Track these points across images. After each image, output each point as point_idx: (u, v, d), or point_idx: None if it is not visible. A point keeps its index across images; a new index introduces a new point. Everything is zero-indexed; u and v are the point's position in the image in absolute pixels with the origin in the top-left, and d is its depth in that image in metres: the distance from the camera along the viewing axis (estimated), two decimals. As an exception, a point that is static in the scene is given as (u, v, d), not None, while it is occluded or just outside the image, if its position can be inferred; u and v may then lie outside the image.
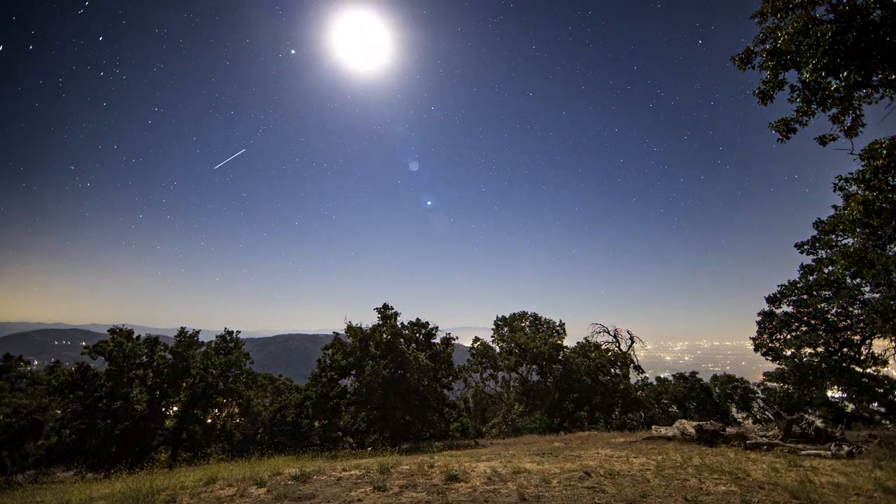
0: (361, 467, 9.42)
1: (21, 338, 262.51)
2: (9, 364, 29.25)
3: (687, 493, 6.80)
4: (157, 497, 7.57)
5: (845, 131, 10.46)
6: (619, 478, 7.87)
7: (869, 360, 22.53)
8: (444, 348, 28.30)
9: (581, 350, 30.57)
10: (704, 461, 9.23)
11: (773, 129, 11.04)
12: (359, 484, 7.90)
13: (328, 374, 26.67)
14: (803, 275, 23.84)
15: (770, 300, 25.02)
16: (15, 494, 11.65)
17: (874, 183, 10.64)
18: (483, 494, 6.95)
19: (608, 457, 10.31)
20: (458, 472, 8.37)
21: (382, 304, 28.35)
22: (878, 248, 13.15)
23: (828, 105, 10.20)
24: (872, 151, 10.27)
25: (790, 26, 9.54)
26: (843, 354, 22.84)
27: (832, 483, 7.41)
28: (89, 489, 9.89)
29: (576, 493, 6.89)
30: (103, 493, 8.59)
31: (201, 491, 7.97)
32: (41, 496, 9.97)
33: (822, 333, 23.15)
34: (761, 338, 25.32)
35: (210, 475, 9.38)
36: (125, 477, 11.60)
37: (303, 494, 7.29)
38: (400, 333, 27.56)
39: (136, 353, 24.76)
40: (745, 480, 7.55)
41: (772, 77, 10.39)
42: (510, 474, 8.32)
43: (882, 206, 10.65)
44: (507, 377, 31.45)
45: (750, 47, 10.55)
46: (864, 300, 21.99)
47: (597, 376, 27.56)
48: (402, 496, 6.98)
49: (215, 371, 26.59)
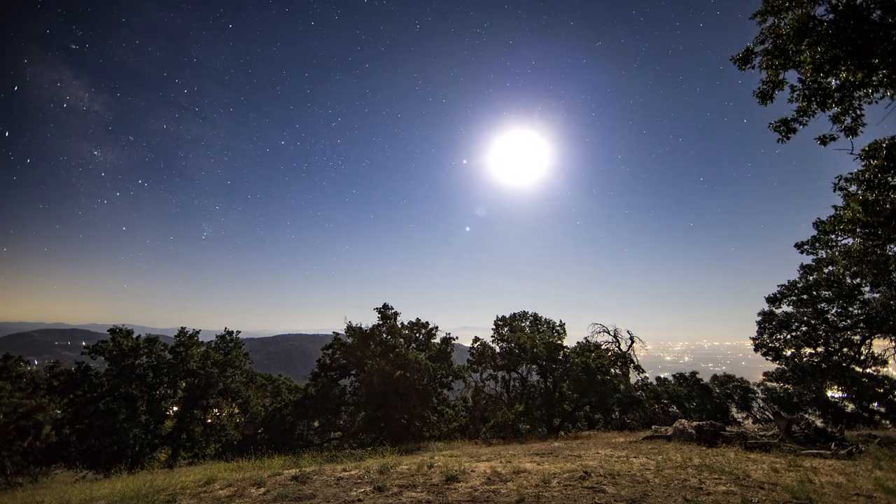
0: (361, 467, 9.42)
1: (21, 338, 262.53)
2: (9, 364, 29.23)
3: (687, 493, 6.80)
4: (157, 497, 7.57)
5: (845, 131, 10.45)
6: (618, 478, 7.86)
7: (869, 360, 22.52)
8: (444, 348, 28.31)
9: (581, 350, 30.55)
10: (704, 461, 9.22)
11: (773, 129, 11.03)
12: (358, 484, 7.90)
13: (328, 373, 26.68)
14: (803, 275, 23.84)
15: (770, 300, 25.00)
16: (15, 494, 11.64)
17: (874, 183, 10.63)
18: (483, 494, 6.94)
19: (608, 457, 10.30)
20: (457, 472, 8.37)
21: (382, 304, 28.37)
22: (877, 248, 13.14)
23: (828, 105, 10.20)
24: (872, 151, 10.27)
25: (790, 26, 9.54)
26: (843, 354, 22.83)
27: (832, 483, 7.40)
28: (89, 489, 9.90)
29: (575, 493, 6.89)
30: (103, 493, 8.60)
31: (201, 491, 7.97)
32: (41, 496, 9.97)
33: (822, 333, 23.13)
34: (761, 338, 25.30)
35: (209, 475, 9.39)
36: (125, 477, 11.61)
37: (302, 494, 7.28)
38: (400, 333, 27.57)
39: (136, 353, 24.77)
40: (745, 480, 7.54)
41: (771, 77, 10.39)
42: (510, 474, 8.31)
43: (882, 206, 10.64)
44: (507, 377, 31.42)
45: (749, 47, 10.55)
46: (864, 300, 21.98)
47: (596, 376, 27.53)
48: (401, 496, 6.98)
49: (215, 371, 26.60)
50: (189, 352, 26.02)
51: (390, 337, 26.76)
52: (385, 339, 26.52)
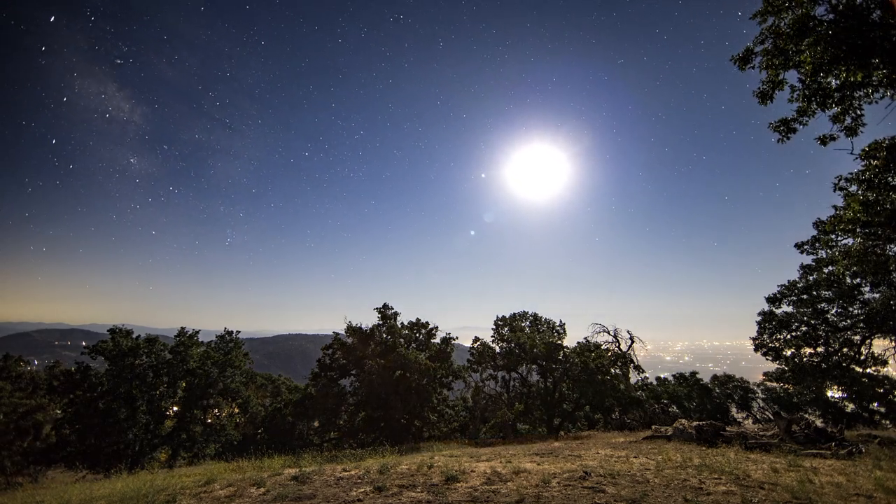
0: (361, 467, 9.41)
1: (21, 338, 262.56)
2: (9, 364, 29.25)
3: (687, 493, 6.79)
4: (157, 497, 7.57)
5: (845, 131, 10.46)
6: (618, 478, 7.85)
7: (869, 360, 22.50)
8: (444, 348, 28.31)
9: (581, 350, 30.55)
10: (704, 461, 9.21)
11: (773, 129, 11.03)
12: (358, 484, 7.90)
13: (328, 373, 26.69)
14: (803, 275, 23.82)
15: (770, 300, 24.98)
16: (15, 494, 11.64)
17: (874, 183, 10.64)
18: (483, 495, 6.93)
19: (608, 457, 10.30)
20: (457, 472, 8.36)
21: (382, 304, 28.38)
22: (877, 248, 13.14)
23: (828, 105, 10.20)
24: (872, 151, 10.27)
25: (790, 26, 9.54)
26: (843, 354, 22.81)
27: (832, 483, 7.39)
28: (89, 489, 9.89)
29: (575, 494, 6.88)
30: (103, 493, 8.59)
31: (201, 491, 7.96)
32: (41, 496, 9.96)
33: (822, 333, 23.12)
34: (761, 338, 25.27)
35: (209, 475, 9.39)
36: (125, 477, 11.60)
37: (302, 495, 7.28)
38: (400, 333, 27.57)
39: (136, 353, 24.78)
40: (745, 480, 7.54)
41: (771, 77, 10.39)
42: (510, 474, 8.31)
43: (882, 206, 10.65)
44: (507, 377, 31.42)
45: (749, 47, 10.56)
46: (864, 300, 21.97)
47: (597, 376, 27.54)
48: (401, 496, 6.97)
49: (215, 371, 26.60)
50: (189, 352, 26.02)
51: (390, 337, 26.76)
52: (385, 339, 26.53)
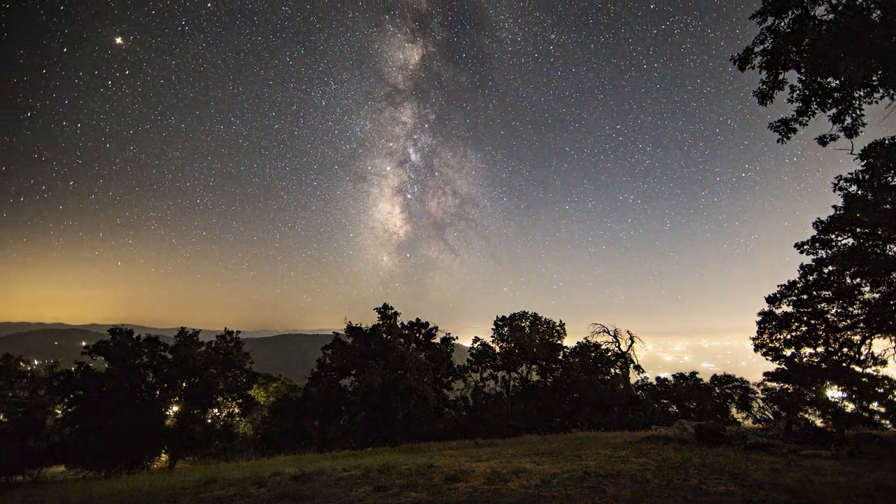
0: (361, 467, 9.42)
1: (21, 338, 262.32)
2: (9, 364, 29.25)
3: (687, 493, 6.79)
4: (157, 497, 7.57)
5: (845, 131, 10.46)
6: (618, 478, 7.85)
7: (869, 360, 22.46)
8: (443, 348, 28.31)
9: (581, 350, 30.56)
10: (704, 461, 9.21)
11: (773, 129, 11.04)
12: (359, 484, 7.90)
13: (328, 373, 26.70)
14: (803, 275, 23.79)
15: (770, 300, 24.93)
16: (15, 494, 11.65)
17: (874, 183, 10.65)
18: (483, 495, 6.93)
19: (608, 457, 10.30)
20: (457, 472, 8.37)
21: (382, 304, 28.38)
22: (877, 248, 13.14)
23: (828, 105, 10.21)
24: (872, 151, 10.28)
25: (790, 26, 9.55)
26: (843, 354, 22.78)
27: (832, 483, 7.39)
28: (89, 489, 9.89)
29: (576, 494, 6.88)
30: (103, 493, 8.59)
31: (201, 491, 7.96)
32: (41, 496, 9.97)
33: (822, 333, 23.08)
34: (761, 338, 25.22)
35: (210, 475, 9.39)
36: (125, 477, 11.61)
37: (303, 495, 7.28)
38: (400, 333, 27.57)
39: (136, 353, 24.78)
40: (745, 480, 7.54)
41: (771, 77, 10.40)
42: (510, 474, 8.31)
43: (882, 207, 10.65)
44: (507, 377, 31.43)
45: (749, 47, 10.56)
46: (864, 300, 21.94)
47: (596, 376, 27.56)
48: (401, 496, 6.97)
49: (215, 371, 26.61)
50: (189, 352, 26.03)
51: (390, 337, 26.76)
52: (385, 338, 26.53)
